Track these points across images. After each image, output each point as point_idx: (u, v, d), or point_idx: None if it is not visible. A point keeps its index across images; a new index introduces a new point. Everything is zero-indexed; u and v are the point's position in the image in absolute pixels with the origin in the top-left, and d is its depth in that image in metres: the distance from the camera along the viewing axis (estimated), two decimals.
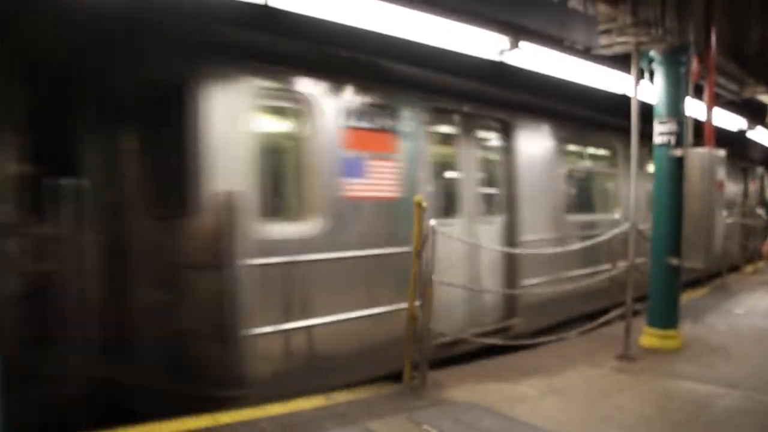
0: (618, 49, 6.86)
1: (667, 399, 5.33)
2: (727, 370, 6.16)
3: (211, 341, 5.22)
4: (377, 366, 6.04)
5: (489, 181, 7.85)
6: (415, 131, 6.64)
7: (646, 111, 6.94)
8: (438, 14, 5.71)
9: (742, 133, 13.93)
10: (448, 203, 7.29)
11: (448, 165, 7.42)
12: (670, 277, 6.97)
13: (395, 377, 5.86)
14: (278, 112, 5.73)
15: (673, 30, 6.66)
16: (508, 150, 8.02)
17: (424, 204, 5.51)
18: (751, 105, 12.23)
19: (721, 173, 6.72)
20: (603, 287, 8.52)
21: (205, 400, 5.01)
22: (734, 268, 14.00)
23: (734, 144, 14.16)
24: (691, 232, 6.66)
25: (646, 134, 6.99)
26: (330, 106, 5.85)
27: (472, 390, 5.54)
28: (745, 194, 16.88)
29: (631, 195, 6.95)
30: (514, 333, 7.67)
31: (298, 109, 5.73)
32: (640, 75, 6.91)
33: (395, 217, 6.35)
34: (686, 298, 10.17)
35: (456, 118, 7.36)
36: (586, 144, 9.97)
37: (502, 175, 8.01)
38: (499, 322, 7.75)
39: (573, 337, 6.99)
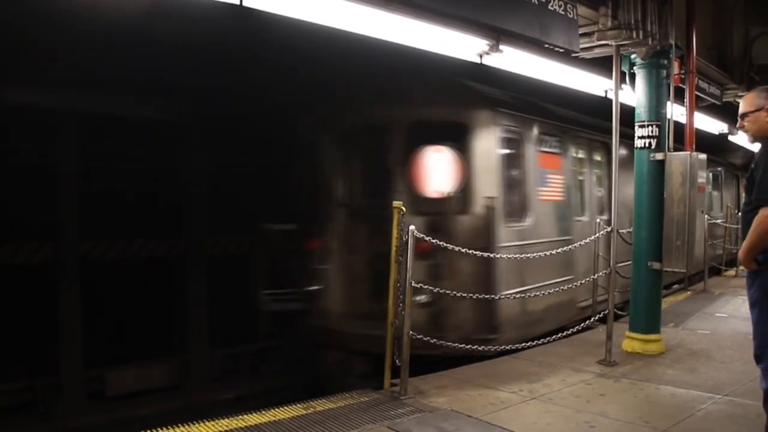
0: (598, 52, 6.85)
1: (649, 404, 5.30)
2: (709, 374, 6.16)
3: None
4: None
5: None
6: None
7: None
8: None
9: (723, 136, 14.00)
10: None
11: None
12: (651, 281, 6.96)
13: (375, 385, 5.80)
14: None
15: (654, 33, 6.65)
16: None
17: (404, 208, 5.48)
18: (732, 109, 12.30)
19: (702, 177, 6.70)
20: None
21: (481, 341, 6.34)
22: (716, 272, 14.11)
23: (715, 148, 14.27)
24: (673, 237, 6.64)
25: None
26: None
27: (453, 397, 5.48)
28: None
29: (613, 198, 6.92)
30: None
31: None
32: (621, 78, 6.89)
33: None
34: (668, 302, 10.21)
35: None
36: None
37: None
38: None
39: (555, 342, 6.93)
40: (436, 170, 7.00)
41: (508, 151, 7.50)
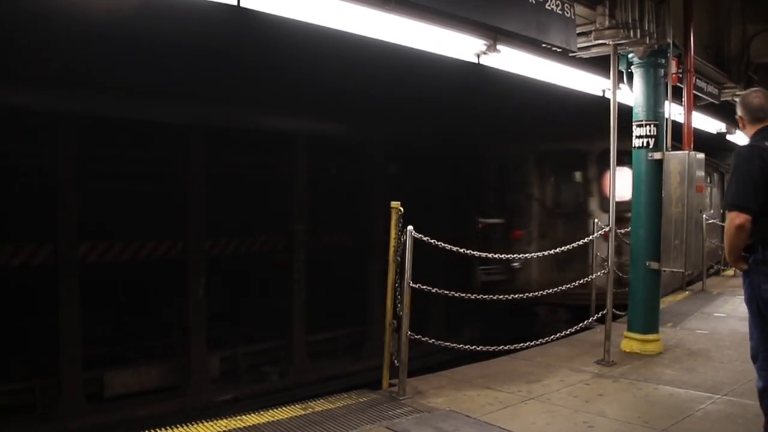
0: (596, 52, 6.84)
1: (648, 404, 5.30)
2: (707, 374, 6.15)
3: None
4: None
5: None
6: None
7: None
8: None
9: (721, 136, 14.00)
10: None
11: None
12: (649, 281, 6.95)
13: (374, 385, 5.79)
14: None
15: (651, 32, 6.64)
16: None
17: (401, 209, 5.50)
18: (730, 107, 12.30)
19: (701, 176, 6.70)
20: None
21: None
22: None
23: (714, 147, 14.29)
24: (671, 236, 6.64)
25: None
26: None
27: (451, 397, 5.47)
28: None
29: (611, 195, 6.92)
30: None
31: None
32: (618, 77, 6.89)
33: None
34: (666, 301, 10.20)
35: None
36: None
37: None
38: None
39: (553, 342, 6.93)
40: (620, 182, 9.09)
41: None
